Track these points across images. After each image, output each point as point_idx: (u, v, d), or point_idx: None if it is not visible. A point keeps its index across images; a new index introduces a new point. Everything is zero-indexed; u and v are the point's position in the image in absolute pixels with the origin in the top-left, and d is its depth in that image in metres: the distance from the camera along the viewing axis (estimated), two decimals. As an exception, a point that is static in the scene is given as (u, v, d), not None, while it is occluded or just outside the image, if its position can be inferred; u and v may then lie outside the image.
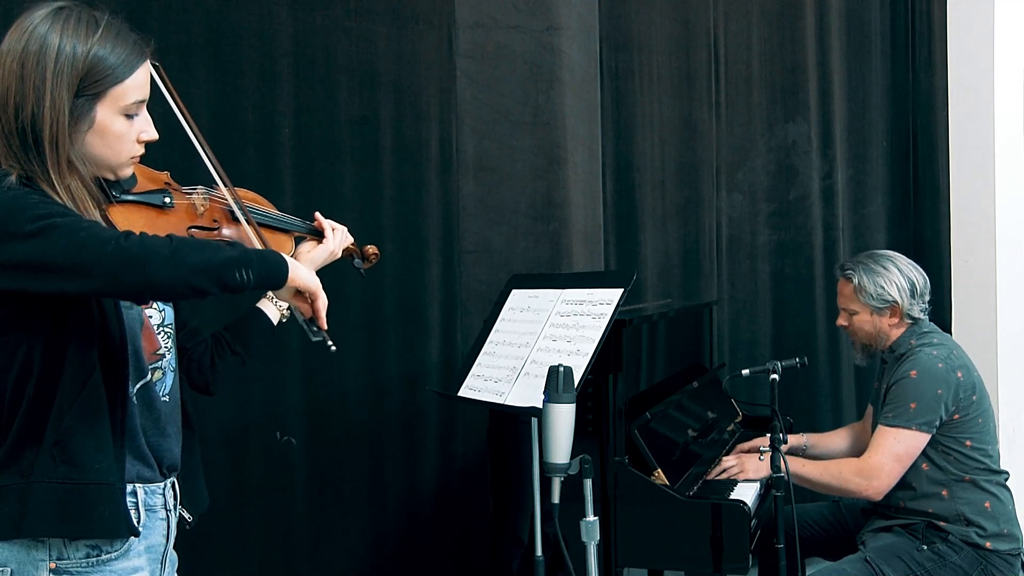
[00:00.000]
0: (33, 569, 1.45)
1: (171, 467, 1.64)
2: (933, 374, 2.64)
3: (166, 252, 1.35)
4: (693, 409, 3.03)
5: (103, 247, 1.33)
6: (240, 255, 1.45)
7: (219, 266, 1.40)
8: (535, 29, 3.34)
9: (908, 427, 2.62)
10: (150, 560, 1.60)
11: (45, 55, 1.41)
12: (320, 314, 1.64)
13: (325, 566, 3.15)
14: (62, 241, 1.33)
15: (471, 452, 3.29)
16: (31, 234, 1.33)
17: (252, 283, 1.45)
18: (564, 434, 1.90)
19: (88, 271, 1.34)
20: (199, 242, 1.47)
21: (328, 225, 1.89)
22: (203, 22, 2.98)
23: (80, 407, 1.45)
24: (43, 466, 1.43)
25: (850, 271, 2.82)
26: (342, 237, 1.91)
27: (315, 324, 1.65)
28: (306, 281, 1.58)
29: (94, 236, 1.34)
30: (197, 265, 1.38)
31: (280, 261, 1.52)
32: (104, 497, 1.47)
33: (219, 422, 2.98)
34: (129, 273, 1.34)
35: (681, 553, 2.46)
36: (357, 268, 2.05)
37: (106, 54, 1.44)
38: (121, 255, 1.33)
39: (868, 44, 4.26)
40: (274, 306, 1.89)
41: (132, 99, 1.48)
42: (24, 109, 1.41)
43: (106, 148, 1.48)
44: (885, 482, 2.63)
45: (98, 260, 1.33)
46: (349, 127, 3.17)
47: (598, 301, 2.14)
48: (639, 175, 3.82)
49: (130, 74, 1.47)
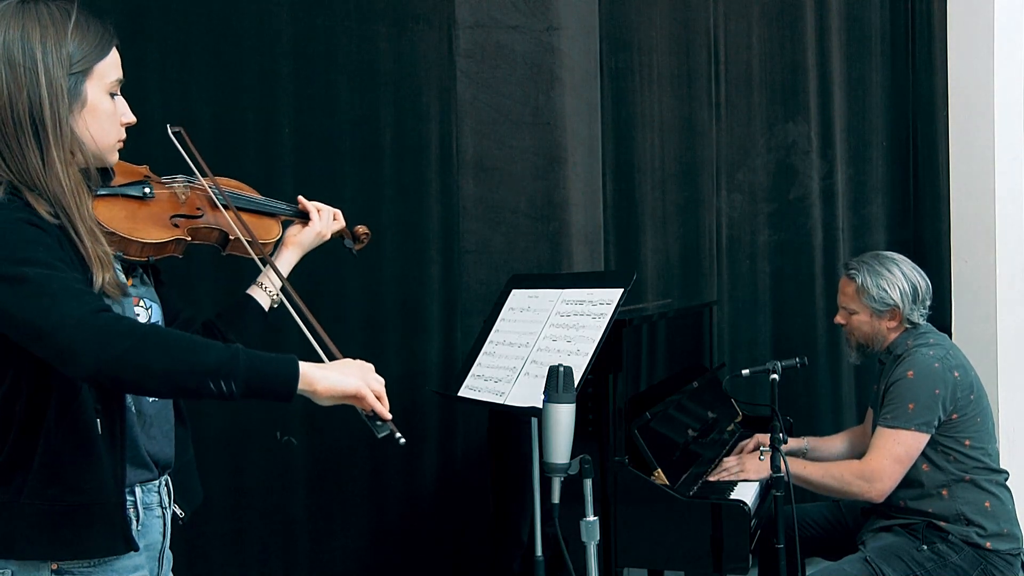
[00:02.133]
0: (35, 571, 1.44)
1: (164, 465, 1.63)
2: (930, 374, 2.64)
3: (124, 346, 1.27)
4: (693, 409, 3.03)
5: (63, 323, 1.28)
6: (223, 362, 1.32)
7: (183, 373, 1.31)
8: (535, 29, 3.34)
9: (907, 428, 2.62)
10: (149, 558, 1.60)
11: (30, 40, 1.41)
12: (378, 407, 1.49)
13: (325, 566, 3.15)
14: (28, 301, 1.29)
15: (471, 452, 3.29)
16: (8, 278, 1.30)
17: (237, 394, 1.33)
18: (564, 434, 1.89)
19: (42, 340, 1.30)
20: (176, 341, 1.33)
21: (313, 207, 1.90)
22: (203, 22, 2.98)
23: (70, 427, 1.42)
24: (33, 488, 1.41)
25: (854, 271, 2.82)
26: (329, 219, 1.92)
27: (377, 419, 1.51)
28: (335, 388, 1.43)
29: (56, 308, 1.29)
30: (153, 369, 1.29)
31: (284, 373, 1.38)
32: (97, 516, 1.44)
33: (219, 422, 2.98)
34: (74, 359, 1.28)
35: (681, 553, 2.46)
36: (348, 248, 2.07)
37: (84, 33, 1.46)
38: (75, 337, 1.28)
39: (868, 44, 4.26)
40: (263, 292, 1.86)
41: (113, 76, 1.50)
42: (19, 98, 1.39)
43: (99, 128, 1.48)
44: (887, 484, 2.63)
45: (53, 335, 1.28)
46: (349, 127, 3.17)
47: (598, 301, 2.14)
48: (639, 175, 3.82)
49: (108, 51, 1.49)
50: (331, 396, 1.43)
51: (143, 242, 1.61)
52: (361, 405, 1.49)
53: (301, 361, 1.42)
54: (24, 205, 1.40)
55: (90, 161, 1.48)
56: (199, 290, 2.87)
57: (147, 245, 1.62)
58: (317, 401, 1.45)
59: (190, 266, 2.64)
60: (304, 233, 1.87)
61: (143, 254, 1.62)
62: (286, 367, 1.39)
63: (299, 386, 1.40)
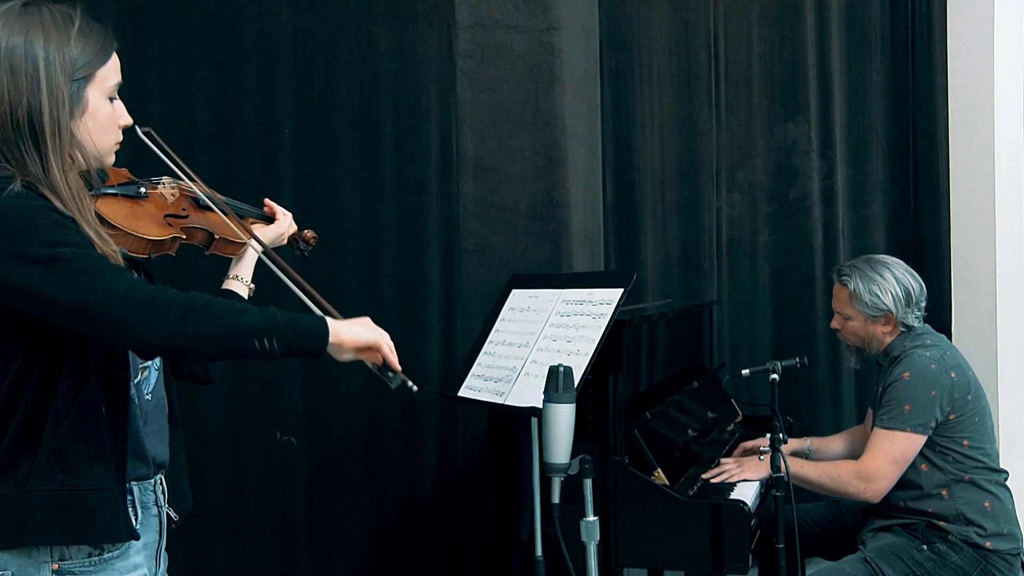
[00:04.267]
0: (35, 571, 1.45)
1: (159, 464, 1.64)
2: (926, 375, 2.64)
3: (176, 314, 1.34)
4: (693, 409, 3.03)
5: (110, 297, 1.32)
6: (266, 323, 1.42)
7: (233, 335, 1.39)
8: (535, 29, 3.34)
9: (903, 429, 2.62)
10: (146, 557, 1.61)
11: (32, 46, 1.42)
12: (390, 359, 1.59)
13: (325, 566, 3.15)
14: (70, 280, 1.32)
15: (471, 452, 3.29)
16: (39, 260, 1.32)
17: (279, 352, 1.42)
18: (564, 434, 1.90)
19: (89, 316, 1.33)
20: (220, 307, 1.42)
21: (279, 210, 1.97)
22: (203, 22, 2.97)
23: (77, 414, 1.44)
24: (40, 474, 1.42)
25: (846, 276, 2.81)
26: (289, 221, 1.99)
27: (389, 370, 1.60)
28: (359, 339, 1.54)
29: (100, 284, 1.33)
30: (206, 333, 1.37)
31: (318, 329, 1.48)
32: (103, 502, 1.46)
33: (219, 422, 2.98)
34: (129, 331, 1.33)
35: (681, 553, 2.46)
36: (302, 252, 2.14)
37: (87, 39, 1.47)
38: (127, 310, 1.32)
39: (868, 44, 4.26)
40: (240, 282, 1.89)
41: (113, 81, 1.51)
42: (19, 103, 1.40)
43: (99, 132, 1.49)
44: (883, 485, 2.64)
45: (102, 309, 1.32)
46: (349, 127, 3.17)
47: (598, 301, 2.15)
48: (639, 175, 3.82)
49: (109, 56, 1.50)
50: (355, 347, 1.53)
51: (147, 239, 1.64)
52: (375, 358, 1.58)
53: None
54: (39, 196, 1.41)
55: (90, 164, 1.50)
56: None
57: (151, 242, 1.64)
58: (339, 356, 1.54)
59: (189, 272, 2.64)
60: (268, 231, 1.93)
61: (146, 251, 1.65)
62: (318, 323, 1.49)
63: (330, 340, 1.49)
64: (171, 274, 1.84)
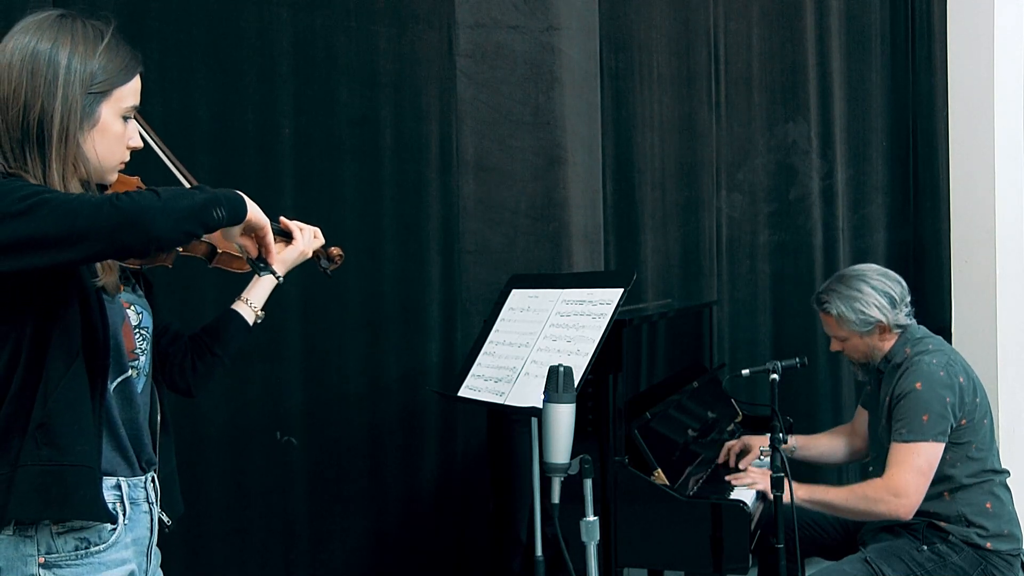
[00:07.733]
0: (22, 565, 1.46)
1: (148, 462, 1.65)
2: (939, 383, 2.63)
3: (159, 205, 1.37)
4: (693, 409, 3.03)
5: (97, 211, 1.34)
6: (212, 196, 1.47)
7: (200, 209, 1.44)
8: (535, 29, 3.34)
9: (925, 440, 2.60)
10: (136, 552, 1.61)
11: (57, 53, 1.46)
12: (269, 247, 1.67)
13: (325, 566, 3.15)
14: (54, 213, 1.33)
15: (471, 452, 3.29)
16: (21, 212, 1.33)
17: (224, 220, 1.49)
18: (564, 434, 1.89)
19: (85, 236, 1.34)
20: (178, 190, 1.48)
21: (296, 226, 1.90)
22: (203, 22, 2.98)
23: (64, 391, 1.46)
24: (28, 452, 1.45)
25: (827, 304, 2.79)
26: (311, 237, 1.92)
27: (262, 260, 1.68)
28: (260, 216, 1.61)
29: (86, 203, 1.35)
30: (185, 211, 1.41)
31: (239, 198, 1.55)
32: (84, 479, 1.48)
33: (219, 422, 2.99)
34: (128, 231, 1.35)
35: (681, 553, 2.46)
36: (324, 269, 2.05)
37: (112, 56, 1.51)
38: (118, 216, 1.34)
39: (868, 44, 4.26)
40: (248, 307, 1.90)
41: (130, 102, 1.55)
42: (33, 106, 1.44)
43: (105, 148, 1.53)
44: (914, 499, 2.59)
45: (94, 224, 1.34)
46: (349, 127, 3.17)
47: (598, 301, 2.14)
48: (639, 175, 3.82)
49: (131, 78, 1.55)
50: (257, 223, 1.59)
51: None
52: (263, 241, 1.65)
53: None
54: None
55: (92, 177, 1.53)
56: (204, 296, 2.87)
57: None
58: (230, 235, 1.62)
59: (190, 283, 2.64)
60: (287, 252, 1.87)
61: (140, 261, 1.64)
62: (237, 195, 1.55)
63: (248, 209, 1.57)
64: (171, 287, 1.83)
